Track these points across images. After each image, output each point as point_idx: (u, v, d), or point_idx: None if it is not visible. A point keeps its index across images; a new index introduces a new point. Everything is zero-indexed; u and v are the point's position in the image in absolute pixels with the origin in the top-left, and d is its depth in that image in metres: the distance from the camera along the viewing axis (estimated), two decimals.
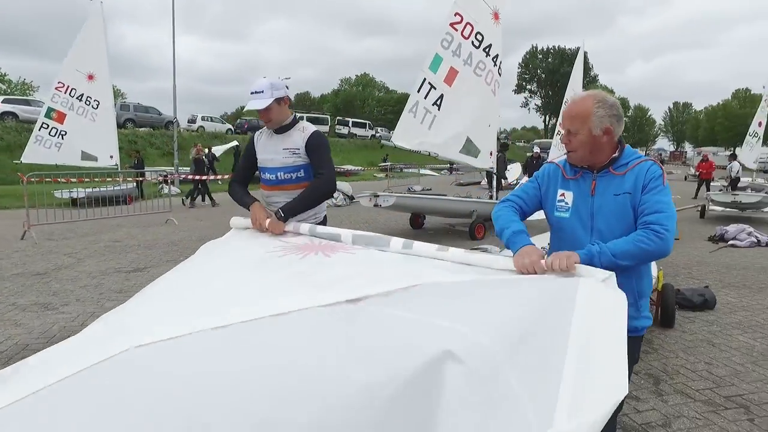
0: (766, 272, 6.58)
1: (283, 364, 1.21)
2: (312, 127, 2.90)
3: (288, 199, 2.80)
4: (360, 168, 29.53)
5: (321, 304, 1.37)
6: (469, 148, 9.98)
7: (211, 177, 15.38)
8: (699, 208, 13.05)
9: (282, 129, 2.85)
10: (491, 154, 10.60)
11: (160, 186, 16.01)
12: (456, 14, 9.29)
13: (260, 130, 3.02)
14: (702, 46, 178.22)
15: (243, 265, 1.98)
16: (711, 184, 17.89)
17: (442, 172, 33.88)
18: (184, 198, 14.52)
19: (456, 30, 9.27)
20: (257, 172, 3.10)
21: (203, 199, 14.56)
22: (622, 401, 1.14)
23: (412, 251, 1.87)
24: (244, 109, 4.86)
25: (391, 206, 8.77)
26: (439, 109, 8.94)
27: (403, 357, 1.16)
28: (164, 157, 25.81)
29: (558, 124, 17.20)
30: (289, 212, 2.63)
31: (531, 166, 13.11)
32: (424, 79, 8.84)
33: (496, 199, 11.64)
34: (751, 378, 3.45)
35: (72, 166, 12.05)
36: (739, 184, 17.40)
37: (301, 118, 3.14)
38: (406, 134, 8.92)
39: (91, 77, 12.81)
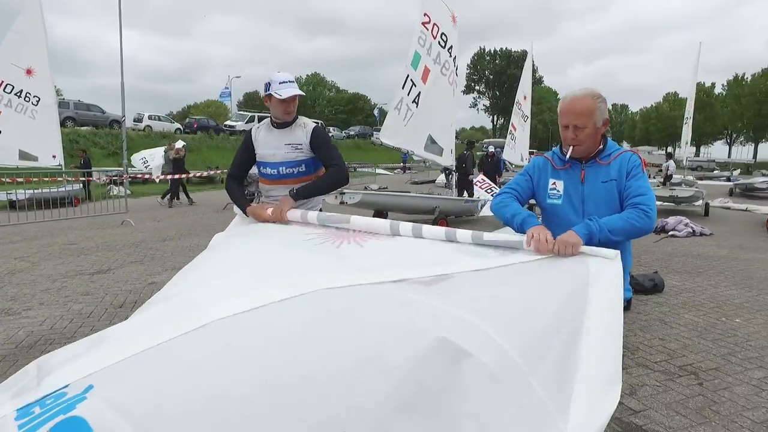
0: (702, 258, 7.26)
1: (354, 330, 1.37)
2: (312, 123, 3.00)
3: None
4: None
5: (370, 282, 1.53)
6: (432, 146, 10.29)
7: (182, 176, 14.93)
8: None
9: (283, 125, 2.92)
10: (451, 152, 10.96)
11: (109, 187, 15.37)
12: (425, 14, 9.56)
13: (257, 126, 3.07)
14: (635, 52, 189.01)
15: (287, 246, 2.10)
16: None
17: (396, 171, 34.29)
18: (159, 199, 14.29)
19: (427, 29, 9.53)
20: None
21: (177, 198, 14.33)
22: None
23: (445, 237, 2.00)
24: (283, 96, 4.44)
25: (357, 203, 8.92)
26: (417, 107, 9.20)
27: (436, 349, 1.28)
28: (110, 157, 24.71)
29: (507, 121, 17.84)
30: (303, 193, 2.76)
31: (486, 164, 13.57)
32: (407, 76, 9.07)
33: (458, 195, 12.03)
34: (698, 349, 3.87)
35: (8, 167, 11.34)
36: (672, 180, 18.73)
37: (253, 118, 3.22)
38: (392, 132, 9.12)
39: (29, 72, 12.07)
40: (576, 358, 1.36)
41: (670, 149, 22.18)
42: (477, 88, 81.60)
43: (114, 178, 15.13)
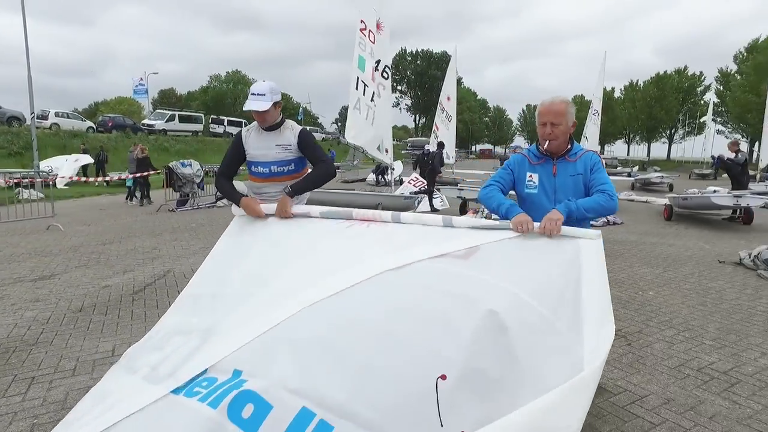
0: (617, 243, 8.29)
1: (427, 301, 1.84)
2: (298, 126, 3.26)
3: (278, 190, 3.14)
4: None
5: (419, 259, 1.92)
6: (380, 145, 10.71)
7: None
8: None
9: (272, 127, 3.16)
10: (387, 151, 11.42)
11: (17, 190, 14.13)
12: (361, 21, 9.90)
13: (248, 128, 3.27)
14: (546, 55, 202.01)
15: (327, 236, 2.39)
16: None
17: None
18: (127, 199, 13.98)
19: (365, 35, 9.88)
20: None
21: (148, 197, 13.92)
22: None
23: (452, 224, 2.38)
24: (244, 108, 4.25)
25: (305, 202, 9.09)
26: (375, 105, 9.53)
27: (491, 313, 1.78)
28: (12, 158, 22.58)
29: (430, 120, 18.61)
30: (298, 190, 3.03)
31: (423, 162, 14.16)
32: (357, 78, 9.36)
33: (394, 192, 12.52)
34: (624, 318, 4.57)
35: None
36: None
37: (174, 117, 3.35)
38: (357, 131, 9.36)
39: None
40: (580, 306, 1.87)
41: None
42: (399, 88, 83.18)
43: (21, 180, 13.91)
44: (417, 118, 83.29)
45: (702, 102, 54.58)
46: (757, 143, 43.80)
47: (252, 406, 1.57)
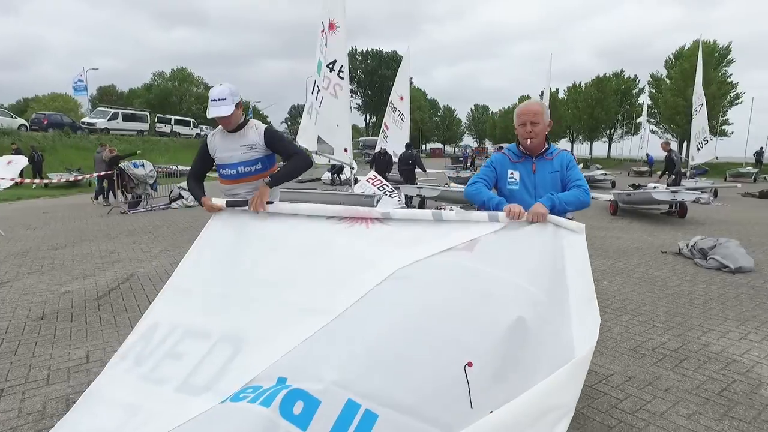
0: None
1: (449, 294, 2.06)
2: (262, 124, 3.31)
3: (248, 190, 3.19)
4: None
5: (429, 254, 2.13)
6: (323, 146, 10.74)
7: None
8: None
9: (236, 129, 3.20)
10: (346, 150, 11.49)
11: None
12: (322, 23, 9.93)
13: (212, 132, 3.32)
14: (493, 56, 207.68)
15: (327, 235, 2.50)
16: None
17: None
18: (97, 198, 13.70)
19: (323, 37, 9.91)
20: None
21: (115, 195, 13.59)
22: None
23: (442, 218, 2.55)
24: (208, 116, 3.11)
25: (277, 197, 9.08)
26: (320, 107, 9.56)
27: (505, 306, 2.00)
28: None
29: (380, 119, 18.81)
30: (277, 180, 3.11)
31: (379, 161, 14.29)
32: (314, 82, 9.42)
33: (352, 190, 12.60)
34: None
35: None
36: None
37: (116, 115, 3.36)
38: (309, 135, 9.35)
39: None
40: (568, 293, 2.12)
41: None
42: (350, 87, 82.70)
43: None
44: (367, 118, 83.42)
45: (638, 104, 58.03)
46: (685, 143, 47.07)
47: (302, 403, 1.69)
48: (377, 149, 16.27)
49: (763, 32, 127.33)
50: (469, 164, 34.87)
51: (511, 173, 2.71)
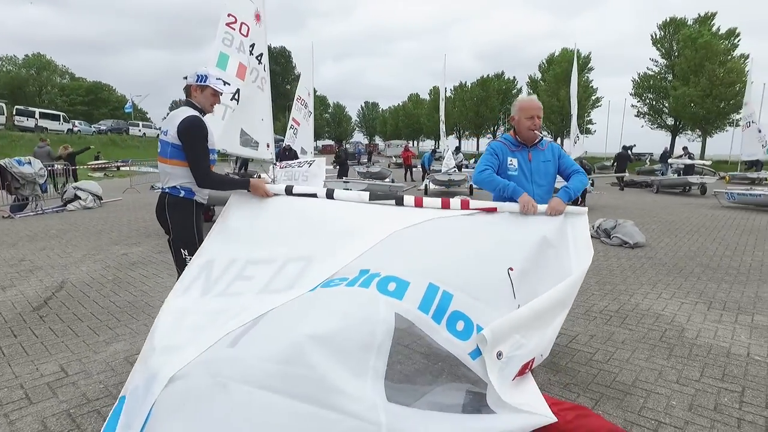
0: None
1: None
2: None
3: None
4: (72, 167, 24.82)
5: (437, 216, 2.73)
6: (247, 140, 10.41)
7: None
8: (423, 188, 16.70)
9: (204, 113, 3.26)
10: (268, 146, 11.25)
11: None
12: (229, 15, 9.53)
13: (203, 117, 3.17)
14: (381, 54, 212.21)
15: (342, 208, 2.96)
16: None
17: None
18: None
19: (234, 29, 9.54)
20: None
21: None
22: None
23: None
24: (224, 92, 3.32)
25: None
26: (237, 103, 9.16)
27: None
28: None
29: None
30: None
31: (284, 157, 14.15)
32: (221, 80, 8.94)
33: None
34: None
35: None
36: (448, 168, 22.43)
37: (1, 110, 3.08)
38: (220, 133, 8.88)
39: None
40: (570, 254, 2.78)
41: (451, 144, 26.21)
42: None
43: None
44: None
45: None
46: (559, 139, 52.46)
47: (394, 283, 2.22)
48: (283, 144, 16.08)
49: (610, 43, 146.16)
50: (366, 160, 35.76)
51: (511, 161, 3.08)
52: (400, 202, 2.89)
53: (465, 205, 2.84)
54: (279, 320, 2.14)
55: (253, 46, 10.27)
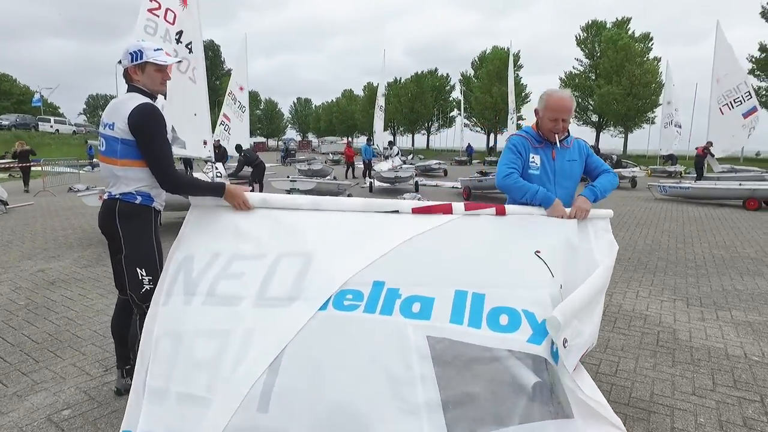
0: None
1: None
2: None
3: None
4: None
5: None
6: (173, 137, 9.47)
7: None
8: (367, 185, 16.30)
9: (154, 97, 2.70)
10: (205, 143, 10.33)
11: None
12: (152, 0, 8.56)
13: (161, 105, 2.63)
14: (314, 49, 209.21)
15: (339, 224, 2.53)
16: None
17: (85, 168, 29.01)
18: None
19: (158, 16, 8.58)
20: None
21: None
22: None
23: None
24: (167, 62, 2.48)
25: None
26: (165, 98, 8.21)
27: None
28: None
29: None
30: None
31: (215, 154, 13.32)
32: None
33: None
34: None
35: None
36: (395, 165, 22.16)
37: None
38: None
39: None
40: (596, 259, 2.48)
41: (384, 138, 25.63)
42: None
43: None
44: None
45: (451, 99, 64.50)
46: (492, 134, 54.03)
47: (418, 303, 2.03)
48: (213, 141, 15.13)
49: (537, 42, 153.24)
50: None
51: (533, 158, 2.69)
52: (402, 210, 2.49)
53: (469, 207, 2.54)
54: (304, 371, 1.91)
55: (180, 33, 9.38)
